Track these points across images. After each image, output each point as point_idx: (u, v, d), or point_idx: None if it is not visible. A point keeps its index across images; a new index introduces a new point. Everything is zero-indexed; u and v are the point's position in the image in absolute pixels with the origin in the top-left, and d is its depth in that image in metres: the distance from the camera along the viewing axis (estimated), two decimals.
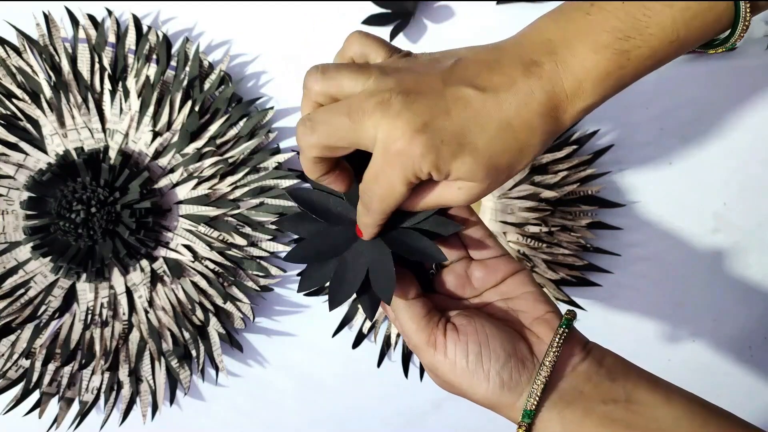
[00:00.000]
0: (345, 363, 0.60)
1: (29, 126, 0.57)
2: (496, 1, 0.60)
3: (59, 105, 0.57)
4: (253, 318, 0.59)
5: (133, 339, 0.58)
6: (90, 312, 0.57)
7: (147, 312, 0.57)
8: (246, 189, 0.57)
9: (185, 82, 0.57)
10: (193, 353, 0.58)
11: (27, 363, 0.58)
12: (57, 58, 0.58)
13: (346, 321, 0.59)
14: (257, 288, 0.58)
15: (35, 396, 0.58)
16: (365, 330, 0.59)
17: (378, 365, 0.60)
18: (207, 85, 0.58)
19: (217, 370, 0.59)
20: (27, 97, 0.57)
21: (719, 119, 0.60)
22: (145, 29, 0.58)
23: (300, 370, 0.61)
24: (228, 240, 0.57)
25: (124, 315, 0.57)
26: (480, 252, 0.36)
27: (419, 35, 0.60)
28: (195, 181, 0.56)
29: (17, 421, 0.59)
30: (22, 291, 0.57)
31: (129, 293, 0.57)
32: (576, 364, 0.32)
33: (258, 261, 0.58)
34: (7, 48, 0.58)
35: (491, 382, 0.31)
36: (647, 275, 0.60)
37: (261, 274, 0.58)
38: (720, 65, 0.60)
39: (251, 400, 0.61)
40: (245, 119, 0.58)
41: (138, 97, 0.57)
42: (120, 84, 0.57)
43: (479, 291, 0.36)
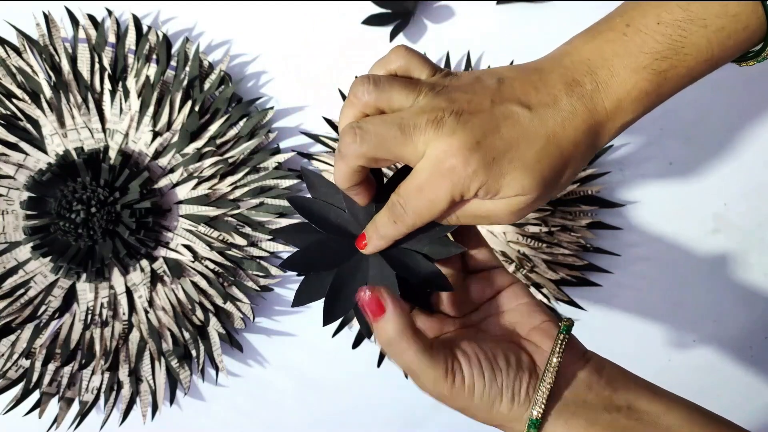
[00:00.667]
0: (345, 363, 0.60)
1: (29, 126, 0.57)
2: (496, 1, 0.60)
3: (59, 105, 0.57)
4: (253, 318, 0.59)
5: (133, 339, 0.58)
6: (90, 312, 0.57)
7: (147, 312, 0.57)
8: (246, 189, 0.57)
9: (185, 82, 0.57)
10: (193, 353, 0.58)
11: (27, 363, 0.58)
12: (57, 58, 0.58)
13: (346, 321, 0.59)
14: (257, 288, 0.58)
15: (35, 396, 0.58)
16: (365, 331, 0.59)
17: (378, 365, 0.60)
18: (207, 85, 0.58)
19: (217, 370, 0.59)
20: (27, 97, 0.57)
21: (719, 120, 0.60)
22: (145, 29, 0.58)
23: (300, 370, 0.61)
24: (228, 240, 0.57)
25: (124, 315, 0.57)
26: (476, 263, 0.36)
27: (419, 35, 0.60)
28: (195, 181, 0.56)
29: (17, 421, 0.59)
30: (22, 291, 0.57)
31: (129, 293, 0.57)
32: (577, 372, 0.32)
33: (258, 261, 0.58)
34: (7, 48, 0.58)
35: (504, 397, 0.31)
36: (647, 275, 0.60)
37: (261, 274, 0.58)
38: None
39: (251, 400, 0.61)
40: (245, 119, 0.58)
41: (138, 97, 0.57)
42: (120, 84, 0.57)
43: (475, 305, 0.36)
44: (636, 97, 0.30)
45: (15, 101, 0.57)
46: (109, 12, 0.59)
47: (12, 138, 0.57)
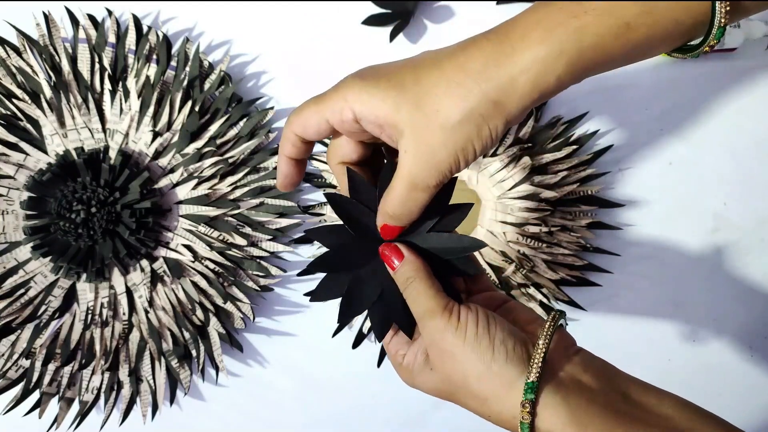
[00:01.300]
0: (345, 363, 0.60)
1: (29, 126, 0.57)
2: (496, 1, 0.60)
3: (59, 105, 0.57)
4: (253, 318, 0.59)
5: (133, 339, 0.58)
6: (90, 312, 0.57)
7: (147, 312, 0.57)
8: (246, 189, 0.57)
9: (185, 82, 0.57)
10: (193, 353, 0.58)
11: (27, 363, 0.58)
12: (57, 58, 0.58)
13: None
14: (257, 288, 0.58)
15: (35, 396, 0.58)
16: (365, 330, 0.59)
17: (378, 365, 0.60)
18: (207, 85, 0.58)
19: (217, 370, 0.59)
20: (27, 97, 0.57)
21: (719, 119, 0.60)
22: (145, 29, 0.58)
23: (300, 370, 0.61)
24: (228, 240, 0.57)
25: (124, 315, 0.57)
26: (474, 286, 0.38)
27: (419, 35, 0.60)
28: (195, 181, 0.56)
29: (17, 421, 0.59)
30: (22, 291, 0.57)
31: (129, 293, 0.57)
32: (571, 356, 0.33)
33: (258, 261, 0.58)
34: (7, 48, 0.58)
35: (496, 351, 0.31)
36: (647, 275, 0.60)
37: (261, 274, 0.58)
38: (720, 65, 0.60)
39: (251, 400, 0.61)
40: (245, 119, 0.58)
41: (138, 97, 0.57)
42: (120, 84, 0.57)
43: None
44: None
45: (15, 101, 0.57)
46: (109, 12, 0.59)
47: (12, 138, 0.57)
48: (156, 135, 0.57)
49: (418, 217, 0.34)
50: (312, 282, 0.60)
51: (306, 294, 0.60)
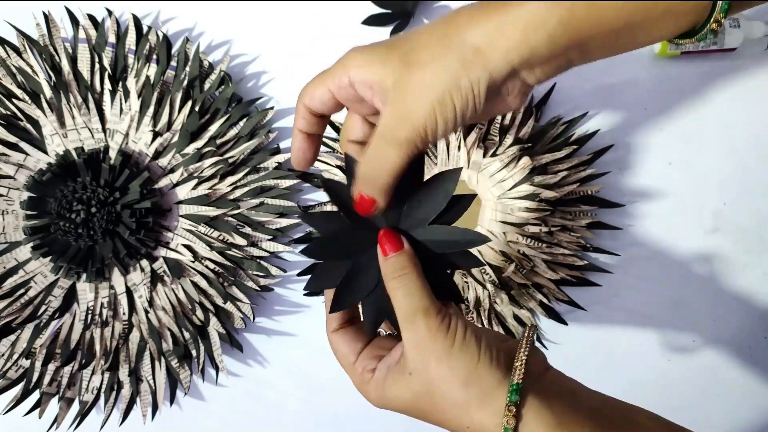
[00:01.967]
0: None
1: (29, 126, 0.57)
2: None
3: (59, 105, 0.57)
4: (253, 318, 0.59)
5: (133, 339, 0.58)
6: (90, 312, 0.57)
7: (147, 312, 0.57)
8: (246, 189, 0.57)
9: (185, 82, 0.57)
10: (193, 353, 0.58)
11: (27, 363, 0.58)
12: (57, 58, 0.58)
13: None
14: (257, 288, 0.58)
15: (35, 396, 0.58)
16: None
17: None
18: (207, 85, 0.58)
19: (217, 370, 0.59)
20: (27, 97, 0.57)
21: (719, 119, 0.60)
22: (145, 29, 0.58)
23: (300, 370, 0.61)
24: (228, 240, 0.57)
25: (124, 315, 0.57)
26: None
27: None
28: (195, 181, 0.56)
29: (17, 421, 0.59)
30: (22, 291, 0.57)
31: (129, 293, 0.57)
32: (547, 367, 0.33)
33: (258, 261, 0.58)
34: (7, 48, 0.58)
35: (482, 354, 0.31)
36: (647, 275, 0.60)
37: (261, 274, 0.58)
38: (720, 65, 0.60)
39: (251, 400, 0.61)
40: (245, 119, 0.58)
41: (138, 97, 0.57)
42: (120, 84, 0.57)
43: None
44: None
45: (15, 101, 0.57)
46: (109, 12, 0.59)
47: (12, 138, 0.57)
48: (156, 135, 0.57)
49: (390, 190, 0.32)
50: None
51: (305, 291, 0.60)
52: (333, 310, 0.34)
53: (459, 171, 0.34)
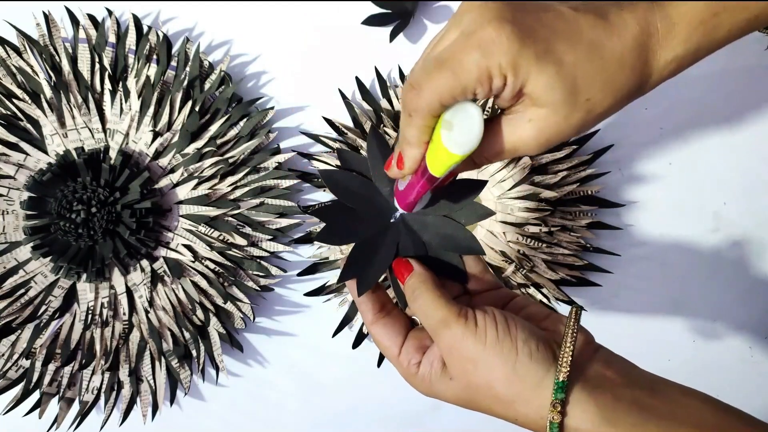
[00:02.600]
0: (345, 363, 0.60)
1: (29, 126, 0.57)
2: None
3: (59, 105, 0.57)
4: (254, 318, 0.59)
5: (134, 339, 0.58)
6: (90, 312, 0.57)
7: (147, 312, 0.57)
8: (246, 189, 0.57)
9: (185, 82, 0.57)
10: (194, 353, 0.58)
11: (27, 363, 0.58)
12: (57, 58, 0.58)
13: (346, 321, 0.59)
14: (257, 288, 0.58)
15: (35, 396, 0.58)
16: (365, 330, 0.59)
17: (378, 365, 0.60)
18: (207, 85, 0.58)
19: (218, 370, 0.59)
20: (27, 97, 0.57)
21: (719, 119, 0.60)
22: (146, 29, 0.58)
23: (300, 370, 0.61)
24: (228, 240, 0.57)
25: (124, 315, 0.57)
26: (479, 284, 0.37)
27: (419, 35, 0.60)
28: (195, 181, 0.56)
29: (17, 421, 0.59)
30: (22, 291, 0.57)
31: (129, 293, 0.57)
32: (592, 351, 0.32)
33: (258, 261, 0.58)
34: (7, 48, 0.58)
35: (520, 351, 0.30)
36: (647, 275, 0.60)
37: (261, 274, 0.58)
38: (720, 65, 0.60)
39: (251, 400, 0.61)
40: (245, 119, 0.58)
41: (138, 97, 0.57)
42: (120, 84, 0.57)
43: None
44: (690, 23, 0.28)
45: (15, 101, 0.57)
46: (110, 12, 0.59)
47: (12, 138, 0.57)
48: (156, 135, 0.57)
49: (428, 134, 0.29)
50: (312, 282, 0.60)
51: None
52: (361, 291, 0.34)
53: (485, 183, 0.35)
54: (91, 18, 0.59)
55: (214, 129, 0.57)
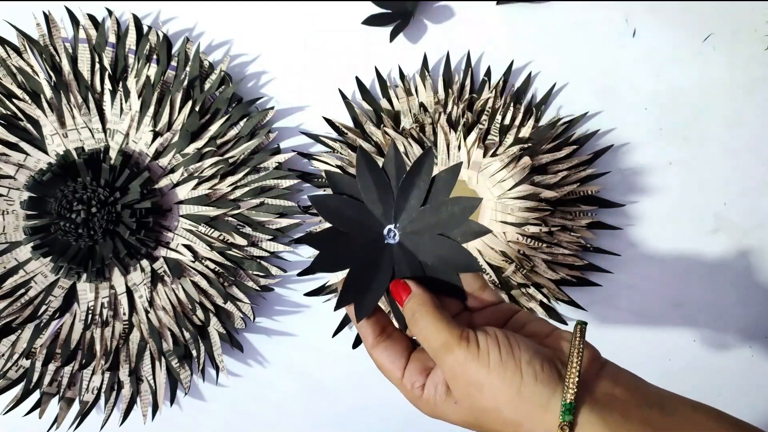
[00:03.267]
0: (345, 363, 0.60)
1: (29, 126, 0.57)
2: (496, 1, 0.60)
3: (59, 105, 0.57)
4: (254, 318, 0.59)
5: (134, 339, 0.58)
6: (90, 312, 0.57)
7: (147, 312, 0.57)
8: (246, 189, 0.57)
9: (186, 82, 0.57)
10: (194, 353, 0.58)
11: (27, 363, 0.58)
12: (57, 58, 0.58)
13: (346, 321, 0.59)
14: (257, 288, 0.58)
15: (35, 396, 0.58)
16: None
17: None
18: (207, 85, 0.58)
19: (218, 370, 0.59)
20: (27, 97, 0.57)
21: (719, 119, 0.60)
22: (146, 29, 0.58)
23: (300, 370, 0.61)
24: (228, 240, 0.57)
25: (124, 315, 0.57)
26: (478, 301, 0.36)
27: (419, 35, 0.60)
28: (195, 181, 0.56)
29: (17, 421, 0.59)
30: (22, 291, 0.57)
31: (129, 293, 0.57)
32: (598, 368, 0.32)
33: (258, 261, 0.58)
34: (7, 48, 0.58)
35: (525, 373, 0.30)
36: (647, 275, 0.60)
37: (261, 274, 0.58)
38: (720, 65, 0.60)
39: (251, 400, 0.61)
40: (245, 119, 0.58)
41: (138, 97, 0.57)
42: (120, 84, 0.57)
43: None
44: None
45: (15, 101, 0.57)
46: (110, 12, 0.59)
47: (12, 138, 0.57)
48: (156, 135, 0.57)
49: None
50: (312, 282, 0.60)
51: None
52: (360, 316, 0.34)
53: (479, 201, 0.35)
54: (91, 18, 0.59)
55: (214, 129, 0.57)
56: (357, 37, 0.60)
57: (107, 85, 0.57)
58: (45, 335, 0.57)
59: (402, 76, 0.59)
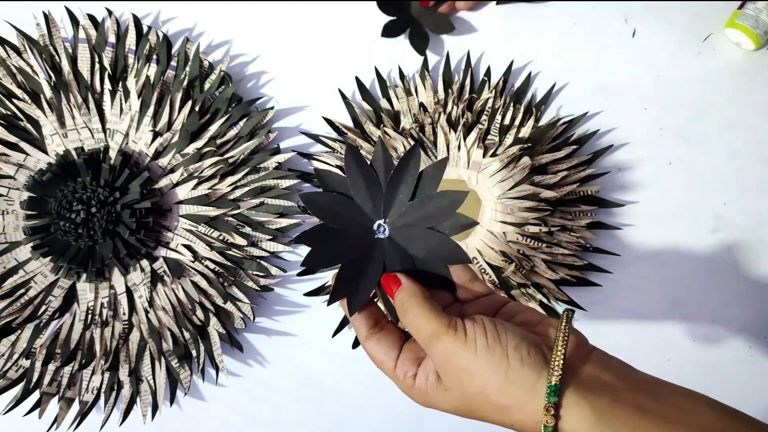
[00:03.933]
0: (345, 363, 0.60)
1: (29, 126, 0.57)
2: (496, 1, 0.60)
3: (59, 105, 0.57)
4: (254, 318, 0.59)
5: (134, 339, 0.58)
6: (90, 312, 0.57)
7: (147, 312, 0.57)
8: (246, 189, 0.57)
9: (185, 82, 0.57)
10: (193, 353, 0.58)
11: (27, 363, 0.58)
12: (57, 58, 0.58)
13: (346, 321, 0.59)
14: (257, 288, 0.58)
15: (35, 396, 0.58)
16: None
17: None
18: (207, 85, 0.58)
19: (217, 370, 0.59)
20: (27, 97, 0.57)
21: (719, 119, 0.60)
22: (145, 29, 0.58)
23: (300, 370, 0.61)
24: (228, 240, 0.57)
25: (124, 315, 0.57)
26: (468, 293, 0.37)
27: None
28: (195, 181, 0.56)
29: (17, 421, 0.59)
30: (22, 291, 0.57)
31: (129, 293, 0.57)
32: (586, 353, 0.32)
33: (258, 261, 0.58)
34: (7, 48, 0.58)
35: (511, 358, 0.30)
36: (647, 275, 0.60)
37: (261, 274, 0.58)
38: (720, 65, 0.60)
39: (251, 400, 0.61)
40: (245, 119, 0.58)
41: (138, 97, 0.57)
42: (120, 84, 0.57)
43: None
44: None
45: (15, 101, 0.57)
46: (109, 12, 0.59)
47: (12, 138, 0.57)
48: (156, 135, 0.57)
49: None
50: (312, 282, 0.60)
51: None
52: (352, 310, 0.35)
53: (466, 194, 0.35)
54: (91, 18, 0.59)
55: (214, 129, 0.57)
56: (357, 37, 0.60)
57: (107, 85, 0.57)
58: (45, 335, 0.57)
59: (402, 76, 0.59)
